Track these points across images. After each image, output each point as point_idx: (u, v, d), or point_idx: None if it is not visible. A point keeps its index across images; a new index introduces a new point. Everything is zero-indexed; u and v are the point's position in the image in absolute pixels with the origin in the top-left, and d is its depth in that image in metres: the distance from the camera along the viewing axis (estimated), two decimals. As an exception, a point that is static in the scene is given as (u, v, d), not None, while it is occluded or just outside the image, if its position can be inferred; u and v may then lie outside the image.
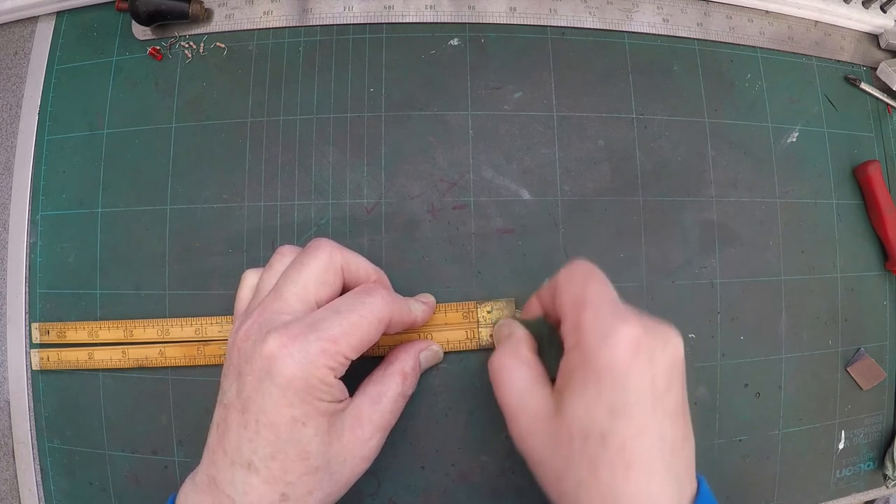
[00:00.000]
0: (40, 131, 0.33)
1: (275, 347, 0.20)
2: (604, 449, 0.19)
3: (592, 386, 0.20)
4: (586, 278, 0.22)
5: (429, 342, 0.28)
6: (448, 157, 0.31)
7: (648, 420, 0.20)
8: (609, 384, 0.20)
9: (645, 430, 0.20)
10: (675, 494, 0.20)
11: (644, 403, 0.20)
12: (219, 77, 0.32)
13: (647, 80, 0.32)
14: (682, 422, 0.21)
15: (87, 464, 0.30)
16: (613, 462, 0.19)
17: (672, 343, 0.21)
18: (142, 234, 0.31)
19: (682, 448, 0.21)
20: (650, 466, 0.19)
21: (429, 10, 0.32)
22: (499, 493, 0.29)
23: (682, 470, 0.20)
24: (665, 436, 0.20)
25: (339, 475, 0.22)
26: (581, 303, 0.21)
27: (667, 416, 0.20)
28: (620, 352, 0.20)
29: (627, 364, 0.20)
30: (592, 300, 0.21)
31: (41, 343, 0.31)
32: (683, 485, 0.20)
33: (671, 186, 0.32)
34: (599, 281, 0.22)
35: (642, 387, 0.20)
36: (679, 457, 0.20)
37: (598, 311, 0.21)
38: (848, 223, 0.34)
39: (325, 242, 0.24)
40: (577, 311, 0.21)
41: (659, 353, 0.20)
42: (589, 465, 0.20)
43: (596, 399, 0.20)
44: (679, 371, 0.21)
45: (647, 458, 0.19)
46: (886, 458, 0.33)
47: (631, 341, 0.20)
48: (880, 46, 0.37)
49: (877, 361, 0.33)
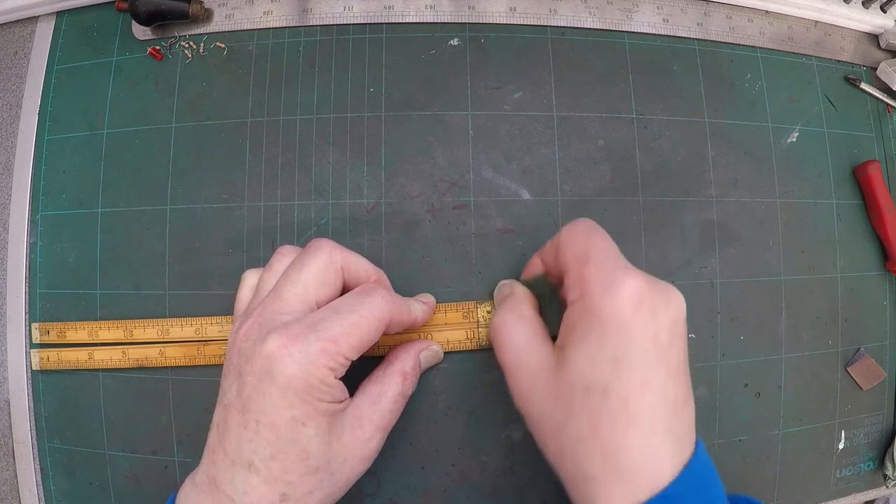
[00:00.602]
0: (40, 131, 0.33)
1: (275, 348, 0.20)
2: (606, 402, 0.19)
3: (596, 337, 0.20)
4: (590, 233, 0.22)
5: (429, 342, 0.28)
6: (448, 157, 0.31)
7: (651, 375, 0.20)
8: (612, 335, 0.20)
9: (648, 384, 0.20)
10: (675, 452, 0.20)
11: (647, 357, 0.20)
12: (219, 77, 0.32)
13: (647, 80, 0.32)
14: (683, 381, 0.21)
15: (87, 464, 0.30)
16: (615, 416, 0.19)
17: (675, 300, 0.21)
18: (142, 234, 0.31)
19: (683, 407, 0.21)
20: (652, 423, 0.19)
21: (429, 10, 0.32)
22: (499, 493, 0.29)
23: (682, 429, 0.20)
24: (667, 393, 0.20)
25: (339, 475, 0.22)
26: (585, 256, 0.21)
27: (669, 373, 0.20)
28: (624, 303, 0.20)
29: (631, 315, 0.20)
30: (596, 253, 0.21)
31: (41, 343, 0.31)
32: (683, 444, 0.20)
33: (671, 186, 0.32)
34: (602, 236, 0.22)
35: (645, 340, 0.20)
36: (680, 416, 0.20)
37: (602, 264, 0.21)
38: (848, 223, 0.34)
39: (326, 242, 0.24)
40: (581, 263, 0.21)
41: (662, 309, 0.20)
42: (590, 418, 0.20)
43: (599, 350, 0.20)
44: (681, 329, 0.21)
45: (649, 414, 0.19)
46: (886, 458, 0.33)
47: (635, 293, 0.20)
48: (880, 46, 0.37)
49: (877, 361, 0.33)
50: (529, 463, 0.29)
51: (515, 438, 0.29)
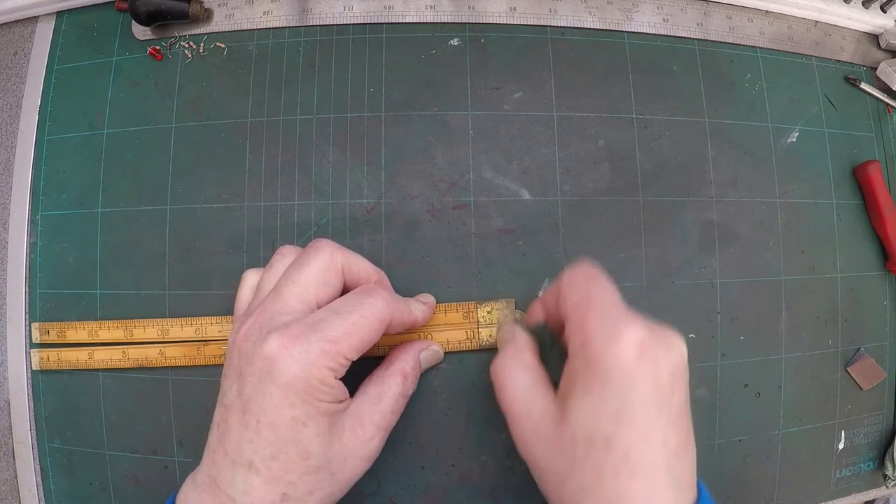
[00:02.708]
0: (40, 131, 0.33)
1: (275, 348, 0.20)
2: (608, 455, 0.19)
3: (597, 389, 0.20)
4: (590, 280, 0.22)
5: (429, 342, 0.28)
6: (448, 157, 0.31)
7: (653, 424, 0.20)
8: (614, 386, 0.20)
9: (649, 435, 0.20)
10: (678, 499, 0.20)
11: (648, 406, 0.20)
12: (219, 77, 0.32)
13: (647, 80, 0.32)
14: (684, 427, 0.21)
15: (87, 464, 0.30)
16: (618, 468, 0.19)
17: (676, 347, 0.21)
18: (142, 234, 0.31)
19: (684, 453, 0.21)
20: (653, 472, 0.19)
21: (429, 10, 0.32)
22: (499, 493, 0.29)
23: (683, 475, 0.21)
24: (668, 441, 0.20)
25: (339, 475, 0.22)
26: (585, 305, 0.21)
27: (670, 420, 0.20)
28: (626, 354, 0.20)
29: (632, 365, 0.20)
30: (597, 302, 0.21)
31: (41, 343, 0.31)
32: (685, 490, 0.20)
33: (671, 186, 0.32)
34: (603, 283, 0.22)
35: (647, 389, 0.20)
36: (681, 462, 0.20)
37: (602, 313, 0.21)
38: (848, 223, 0.34)
39: (326, 243, 0.24)
40: (582, 313, 0.21)
41: (663, 357, 0.20)
42: (593, 470, 0.20)
43: (601, 403, 0.20)
44: (682, 375, 0.21)
45: (650, 464, 0.19)
46: (886, 458, 0.33)
47: (636, 343, 0.20)
48: (880, 46, 0.37)
49: (877, 361, 0.33)
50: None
51: (515, 438, 0.29)
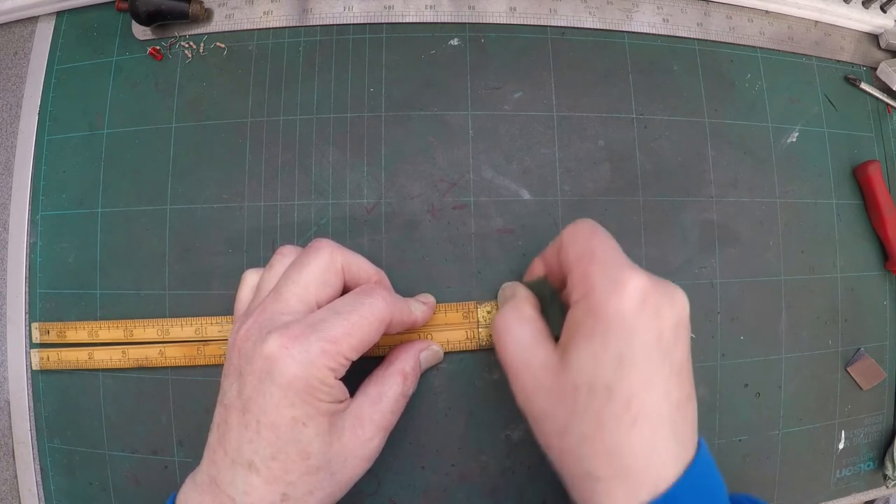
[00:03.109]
0: (40, 131, 0.33)
1: (275, 348, 0.20)
2: (609, 402, 0.19)
3: (600, 336, 0.20)
4: (592, 232, 0.22)
5: (429, 342, 0.28)
6: (448, 157, 0.31)
7: (655, 374, 0.20)
8: (616, 334, 0.20)
9: (651, 384, 0.20)
10: (678, 453, 0.20)
11: (651, 356, 0.20)
12: (219, 77, 0.32)
13: (647, 80, 0.32)
14: (686, 380, 0.21)
15: (87, 464, 0.30)
16: (619, 415, 0.19)
17: (678, 299, 0.21)
18: (142, 234, 0.31)
19: (686, 407, 0.21)
20: (655, 422, 0.19)
21: (429, 10, 0.32)
22: (499, 493, 0.29)
23: (685, 429, 0.20)
24: (671, 393, 0.20)
25: (339, 475, 0.22)
26: (588, 255, 0.21)
27: (672, 372, 0.20)
28: (629, 302, 0.20)
29: (635, 314, 0.20)
30: (600, 253, 0.21)
31: (41, 343, 0.31)
32: (686, 443, 0.20)
33: (671, 186, 0.32)
34: (605, 235, 0.22)
35: (649, 339, 0.20)
36: (683, 415, 0.20)
37: (605, 263, 0.21)
38: (848, 223, 0.34)
39: (326, 243, 0.24)
40: (584, 263, 0.21)
41: (666, 308, 0.20)
42: (594, 418, 0.20)
43: (603, 349, 0.20)
44: (684, 329, 0.21)
45: (652, 413, 0.19)
46: (886, 458, 0.33)
47: (639, 292, 0.20)
48: (880, 46, 0.37)
49: (877, 361, 0.33)
50: (529, 463, 0.29)
51: (515, 438, 0.29)
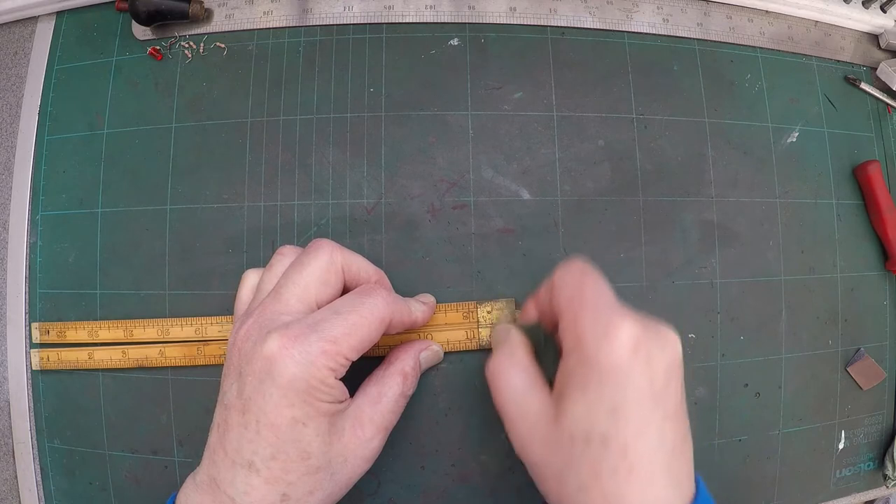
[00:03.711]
0: (40, 131, 0.33)
1: (275, 348, 0.20)
2: (605, 452, 0.19)
3: (593, 387, 0.20)
4: (582, 277, 0.22)
5: (429, 342, 0.28)
6: (448, 157, 0.31)
7: (649, 421, 0.20)
8: (609, 385, 0.20)
9: (645, 431, 0.20)
10: (676, 495, 0.20)
11: (644, 403, 0.20)
12: (219, 77, 0.32)
13: (647, 80, 0.32)
14: (681, 422, 0.21)
15: (87, 464, 0.30)
16: (615, 465, 0.19)
17: (670, 343, 0.21)
18: (142, 234, 0.31)
19: (681, 450, 0.21)
20: (651, 469, 0.19)
21: (429, 10, 0.32)
22: (499, 493, 0.29)
23: (681, 471, 0.21)
24: (665, 437, 0.20)
25: (340, 475, 0.22)
26: (578, 302, 0.21)
27: (667, 417, 0.20)
28: (620, 351, 0.20)
29: (627, 363, 0.20)
30: (589, 299, 0.21)
31: (41, 343, 0.31)
32: (682, 486, 0.20)
33: (671, 186, 0.32)
34: (595, 280, 0.22)
35: (642, 386, 0.20)
36: (679, 458, 0.20)
37: (595, 310, 0.21)
38: (848, 223, 0.34)
39: (326, 243, 0.24)
40: (575, 310, 0.21)
41: (657, 353, 0.20)
42: (590, 468, 0.20)
43: (596, 401, 0.20)
44: (677, 372, 0.21)
45: (648, 460, 0.19)
46: (886, 458, 0.33)
47: (630, 340, 0.20)
48: (880, 46, 0.37)
49: (877, 361, 0.33)
50: (529, 463, 0.29)
51: (515, 438, 0.29)
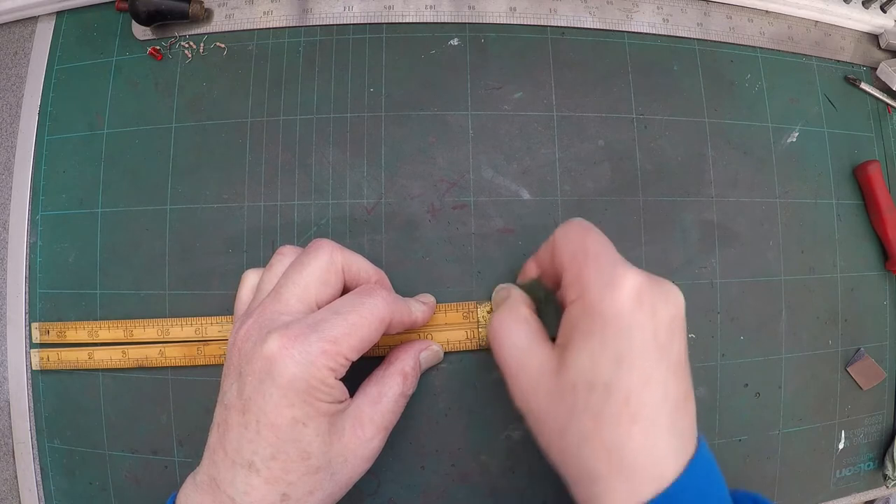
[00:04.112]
0: (40, 131, 0.33)
1: (275, 348, 0.20)
2: (608, 400, 0.19)
3: (597, 335, 0.20)
4: (585, 232, 0.22)
5: (429, 342, 0.28)
6: (448, 157, 0.31)
7: (653, 372, 0.20)
8: (613, 332, 0.20)
9: (649, 381, 0.20)
10: (678, 450, 0.20)
11: (648, 354, 0.20)
12: (219, 77, 0.32)
13: (647, 80, 0.32)
14: (684, 377, 0.21)
15: (87, 464, 0.30)
16: (618, 414, 0.19)
17: (673, 296, 0.21)
18: (142, 234, 0.31)
19: (685, 404, 0.21)
20: (655, 420, 0.19)
21: (429, 10, 0.32)
22: (499, 493, 0.29)
23: (684, 426, 0.20)
24: (669, 390, 0.20)
25: (340, 475, 0.22)
26: (582, 255, 0.21)
27: (670, 369, 0.20)
28: (624, 300, 0.20)
29: (631, 313, 0.20)
30: (593, 252, 0.21)
31: (41, 343, 0.31)
32: (685, 440, 0.20)
33: (671, 186, 0.32)
34: (598, 234, 0.22)
35: (646, 337, 0.20)
36: (682, 412, 0.20)
37: (599, 262, 0.21)
38: (848, 223, 0.34)
39: (326, 243, 0.24)
40: (578, 263, 0.21)
41: (661, 305, 0.20)
42: (593, 417, 0.20)
43: (600, 348, 0.20)
44: (680, 325, 0.21)
45: (651, 411, 0.19)
46: (886, 458, 0.33)
47: (634, 290, 0.20)
48: (880, 46, 0.37)
49: (877, 361, 0.33)
50: (529, 463, 0.29)
51: (515, 438, 0.29)
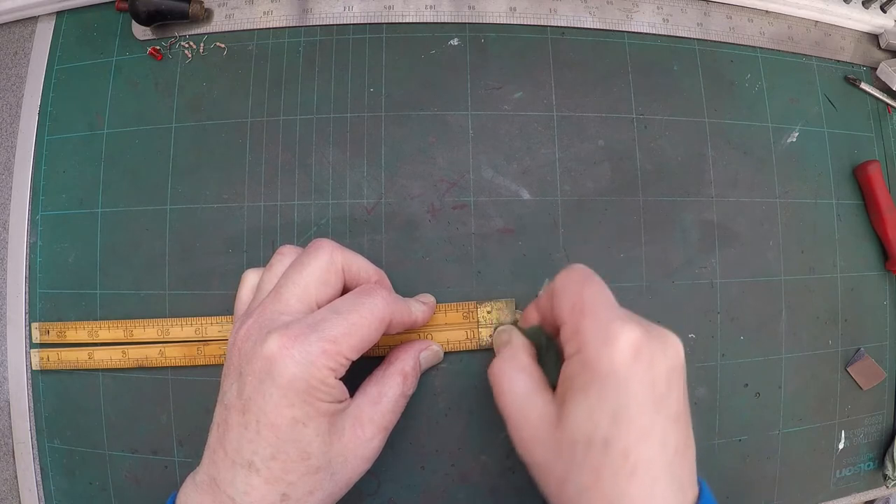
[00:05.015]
0: (40, 131, 0.33)
1: (275, 348, 0.20)
2: (607, 455, 0.19)
3: (594, 391, 0.20)
4: (583, 283, 0.22)
5: (429, 342, 0.28)
6: (448, 157, 0.31)
7: (650, 425, 0.20)
8: (611, 388, 0.20)
9: (648, 435, 0.20)
10: (678, 499, 0.20)
11: (645, 407, 0.20)
12: (219, 77, 0.32)
13: (647, 80, 0.32)
14: (683, 427, 0.21)
15: (87, 464, 0.30)
16: (617, 468, 0.19)
17: (672, 347, 0.21)
18: (142, 234, 0.31)
19: (683, 453, 0.21)
20: (653, 472, 0.19)
21: (429, 10, 0.32)
22: (499, 493, 0.29)
23: (683, 475, 0.20)
24: (667, 441, 0.20)
25: (340, 475, 0.22)
26: (580, 308, 0.21)
27: (669, 420, 0.20)
28: (621, 356, 0.20)
29: (628, 368, 0.20)
30: (591, 304, 0.21)
31: (41, 343, 0.31)
32: (685, 489, 0.20)
33: (671, 186, 0.32)
34: (597, 285, 0.22)
35: (643, 390, 0.20)
36: (681, 462, 0.20)
37: (597, 316, 0.21)
38: (848, 223, 0.34)
39: (326, 243, 0.24)
40: (576, 316, 0.21)
41: (659, 357, 0.20)
42: (592, 471, 0.20)
43: (598, 404, 0.20)
44: (679, 375, 0.21)
45: (649, 463, 0.19)
46: (886, 458, 0.33)
47: (631, 345, 0.20)
48: (880, 46, 0.37)
49: (877, 361, 0.33)
50: (529, 463, 0.29)
51: (515, 438, 0.29)
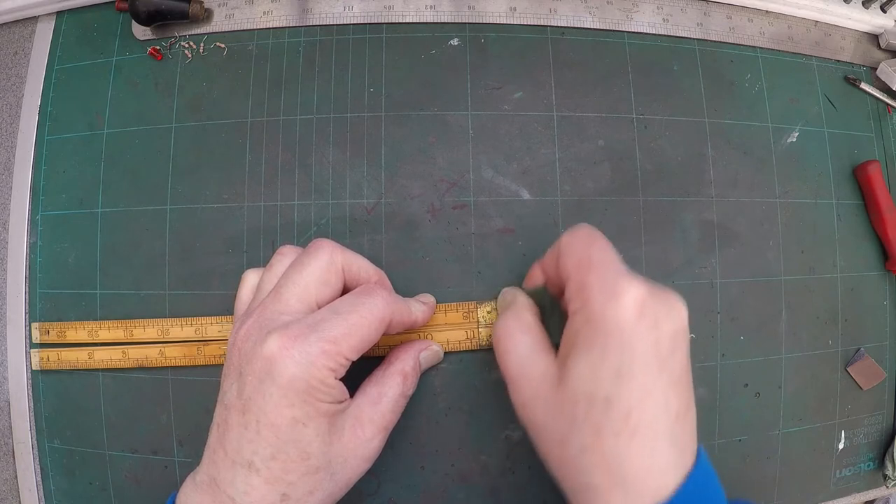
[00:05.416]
0: (40, 131, 0.33)
1: (275, 348, 0.20)
2: (608, 413, 0.19)
3: (598, 348, 0.20)
4: (590, 241, 0.22)
5: (429, 342, 0.28)
6: (448, 157, 0.31)
7: (653, 384, 0.20)
8: (614, 345, 0.20)
9: (649, 395, 0.20)
10: (677, 462, 0.20)
11: (649, 367, 0.20)
12: (219, 77, 0.32)
13: (647, 80, 0.32)
14: (685, 389, 0.21)
15: (87, 464, 0.30)
16: (618, 427, 0.19)
17: (677, 310, 0.21)
18: (142, 234, 0.31)
19: (685, 416, 0.21)
20: (654, 433, 0.19)
21: (429, 10, 0.32)
22: (499, 493, 0.29)
23: (684, 438, 0.20)
24: (669, 403, 0.20)
25: (340, 475, 0.22)
26: (586, 264, 0.21)
27: (671, 382, 0.20)
28: (626, 312, 0.20)
29: (633, 325, 0.20)
30: (597, 261, 0.21)
31: (41, 343, 0.31)
32: (685, 453, 0.20)
33: (671, 186, 0.32)
34: (603, 243, 0.22)
35: (647, 350, 0.20)
36: (682, 424, 0.20)
37: (603, 272, 0.21)
38: (848, 223, 0.34)
39: (326, 243, 0.24)
40: (582, 272, 0.21)
41: (664, 318, 0.20)
42: (593, 429, 0.20)
43: (601, 360, 0.20)
44: (683, 338, 0.21)
45: (651, 423, 0.19)
46: (886, 458, 0.33)
47: (637, 302, 0.20)
48: (880, 46, 0.37)
49: (877, 361, 0.33)
50: (529, 463, 0.29)
51: (515, 438, 0.29)
